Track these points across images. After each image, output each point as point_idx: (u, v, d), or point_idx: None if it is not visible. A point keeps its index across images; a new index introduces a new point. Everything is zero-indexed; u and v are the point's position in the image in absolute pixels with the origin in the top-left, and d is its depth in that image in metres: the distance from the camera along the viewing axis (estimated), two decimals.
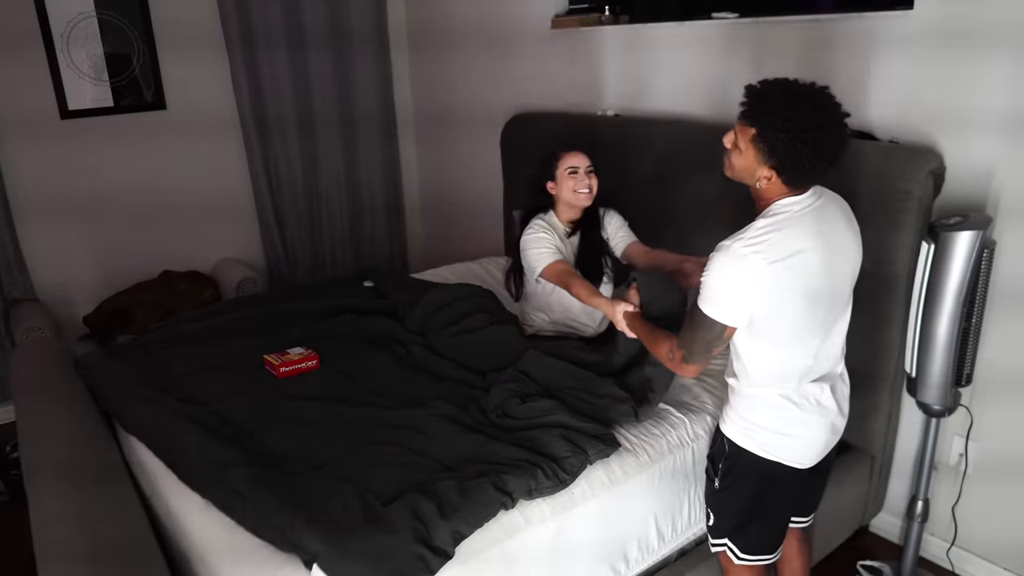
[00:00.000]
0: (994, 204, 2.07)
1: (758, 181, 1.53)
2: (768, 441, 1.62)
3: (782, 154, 1.47)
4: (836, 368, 1.68)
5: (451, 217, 4.32)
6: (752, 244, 1.48)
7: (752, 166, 1.53)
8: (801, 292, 1.50)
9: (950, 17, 2.05)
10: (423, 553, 1.51)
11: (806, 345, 1.57)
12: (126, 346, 2.61)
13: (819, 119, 1.45)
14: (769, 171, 1.51)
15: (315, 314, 2.72)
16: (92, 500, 1.67)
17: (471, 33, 3.71)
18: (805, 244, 1.49)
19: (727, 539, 1.74)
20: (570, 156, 2.36)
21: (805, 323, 1.55)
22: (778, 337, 1.55)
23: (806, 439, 1.64)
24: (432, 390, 2.17)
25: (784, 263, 1.47)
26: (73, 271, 3.52)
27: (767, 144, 1.48)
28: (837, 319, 1.62)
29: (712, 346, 1.57)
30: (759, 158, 1.51)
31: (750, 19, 2.54)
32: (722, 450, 1.70)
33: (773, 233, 1.49)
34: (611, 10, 3.06)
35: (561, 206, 2.41)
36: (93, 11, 3.34)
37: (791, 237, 1.49)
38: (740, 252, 1.48)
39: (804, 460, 1.65)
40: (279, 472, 1.78)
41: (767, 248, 1.47)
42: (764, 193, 1.55)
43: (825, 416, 1.64)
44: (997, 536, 2.27)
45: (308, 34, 3.83)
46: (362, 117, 4.11)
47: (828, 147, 1.47)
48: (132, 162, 3.56)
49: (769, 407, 1.61)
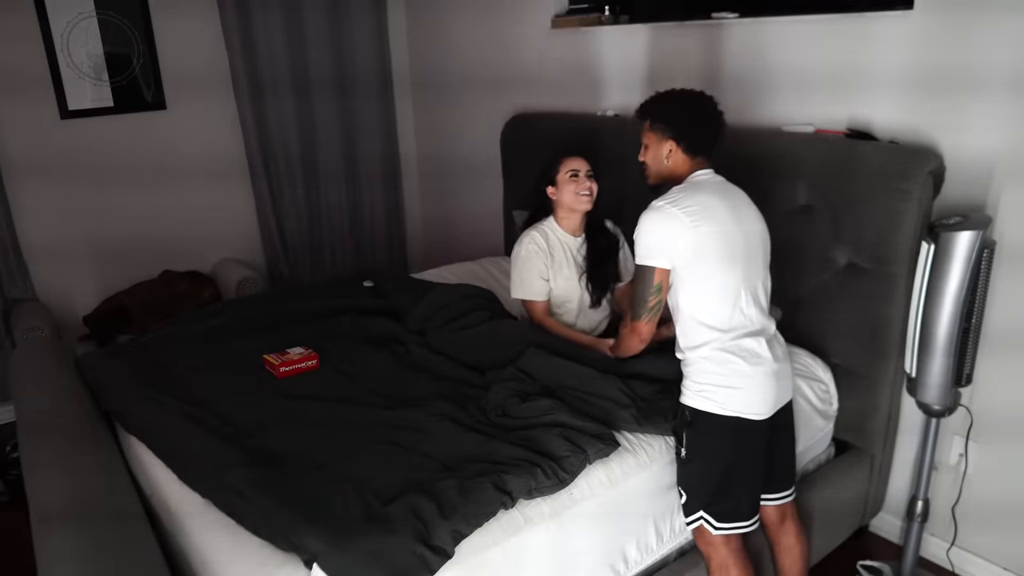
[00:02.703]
0: (994, 204, 2.07)
1: (666, 158, 1.87)
2: (721, 397, 1.76)
3: (672, 121, 1.85)
4: (769, 327, 1.83)
5: (451, 217, 4.32)
6: (668, 200, 1.79)
7: (657, 151, 1.88)
8: (716, 236, 1.75)
9: (950, 17, 2.05)
10: (423, 553, 1.51)
11: (730, 291, 1.76)
12: (126, 346, 2.61)
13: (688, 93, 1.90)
14: (669, 143, 1.85)
15: (315, 314, 2.72)
16: (92, 500, 1.67)
17: (471, 33, 3.71)
18: (713, 200, 1.78)
19: (701, 511, 1.81)
20: (571, 160, 2.39)
21: (726, 266, 1.76)
22: (705, 279, 1.76)
23: (754, 389, 1.77)
24: (432, 389, 2.17)
25: (696, 211, 1.75)
26: (73, 271, 3.53)
27: (660, 122, 1.87)
28: (755, 272, 1.82)
29: (648, 294, 1.81)
30: (658, 138, 1.87)
31: (750, 19, 2.54)
32: (684, 420, 1.82)
33: (685, 192, 1.80)
34: (611, 10, 3.06)
35: (562, 211, 2.43)
36: (93, 11, 3.34)
37: (700, 195, 1.79)
38: (657, 206, 1.79)
39: (760, 410, 1.77)
40: (279, 472, 1.78)
41: (680, 201, 1.77)
42: (675, 169, 1.87)
43: (765, 365, 1.77)
44: (997, 536, 2.27)
45: (308, 33, 3.83)
46: (363, 119, 4.12)
47: (703, 111, 1.86)
48: (132, 162, 3.56)
49: (714, 363, 1.76)
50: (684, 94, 1.92)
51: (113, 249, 3.59)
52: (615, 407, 1.96)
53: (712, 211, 1.77)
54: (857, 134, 2.26)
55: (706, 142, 1.87)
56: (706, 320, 1.77)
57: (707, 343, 1.77)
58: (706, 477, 1.81)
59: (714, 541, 1.82)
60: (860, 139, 2.23)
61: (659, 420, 1.94)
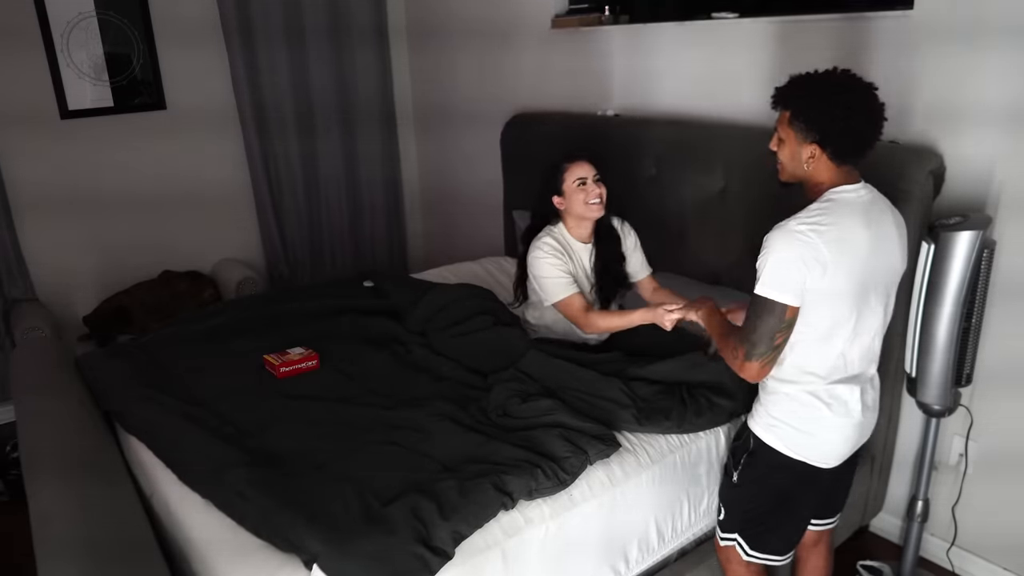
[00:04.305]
0: (994, 204, 2.07)
1: (805, 163, 1.54)
2: (793, 439, 1.62)
3: (819, 121, 1.49)
4: (868, 370, 1.66)
5: (451, 217, 4.32)
6: (807, 222, 1.49)
7: (796, 150, 1.55)
8: (847, 274, 1.50)
9: (950, 17, 2.05)
10: (423, 553, 1.51)
11: (839, 339, 1.56)
12: (126, 346, 2.61)
13: (843, 82, 1.51)
14: (812, 146, 1.52)
15: (315, 314, 2.72)
16: (92, 500, 1.67)
17: (471, 33, 3.71)
18: (856, 231, 1.50)
19: (737, 534, 1.75)
20: (576, 167, 2.26)
21: (844, 312, 1.54)
22: (816, 325, 1.54)
23: (831, 441, 1.63)
24: (432, 390, 2.17)
25: (836, 244, 1.47)
26: (73, 271, 3.53)
27: (803, 118, 1.51)
28: (873, 315, 1.60)
29: (775, 332, 1.51)
30: (799, 138, 1.54)
31: (750, 19, 2.54)
32: (746, 445, 1.70)
33: (827, 215, 1.50)
34: (611, 10, 3.06)
35: (571, 219, 2.32)
36: (93, 11, 3.34)
37: (843, 220, 1.50)
38: (795, 229, 1.48)
39: (828, 460, 1.65)
40: (279, 472, 1.78)
41: (821, 227, 1.48)
42: (814, 176, 1.56)
43: (851, 417, 1.63)
44: (997, 536, 2.27)
45: (308, 33, 3.83)
46: (362, 116, 4.12)
47: (860, 109, 1.49)
48: (132, 162, 3.56)
49: (797, 404, 1.61)
50: (838, 83, 1.52)
51: (113, 249, 3.59)
52: (616, 407, 1.96)
53: (853, 245, 1.50)
54: None
55: (859, 148, 1.53)
56: (802, 363, 1.59)
57: (794, 382, 1.61)
58: (752, 507, 1.73)
59: (739, 565, 1.78)
60: None
61: (660, 420, 1.94)
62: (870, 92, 1.51)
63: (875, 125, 1.51)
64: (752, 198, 2.35)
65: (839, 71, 1.54)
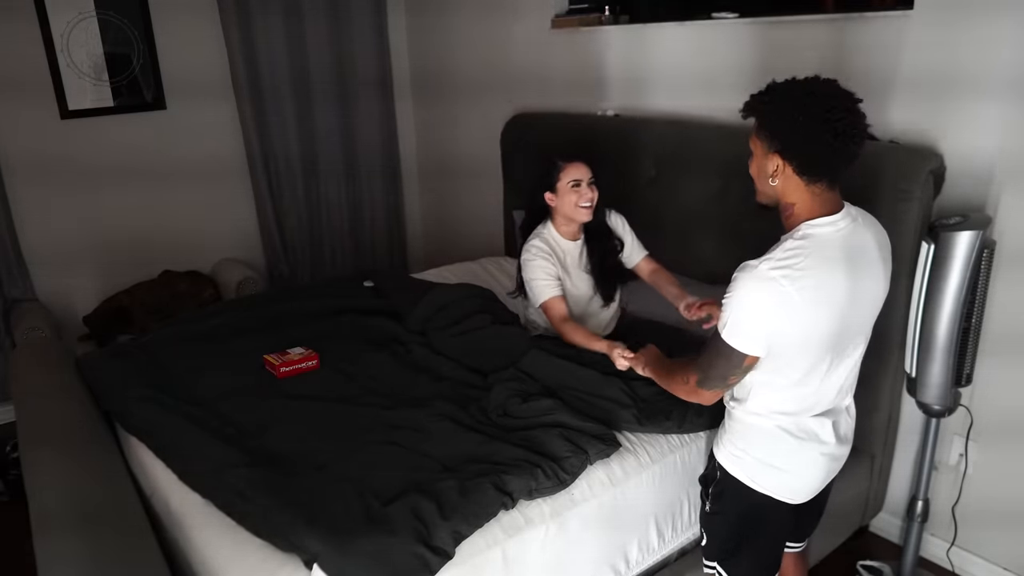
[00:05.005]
0: (994, 204, 2.07)
1: (771, 177, 1.39)
2: (759, 473, 1.53)
3: (780, 128, 1.34)
4: (842, 402, 1.57)
5: (451, 217, 4.32)
6: (779, 267, 1.34)
7: (762, 163, 1.41)
8: (823, 325, 1.38)
9: (950, 17, 2.05)
10: (423, 553, 1.51)
11: (814, 381, 1.47)
12: (126, 346, 2.61)
13: (815, 89, 1.34)
14: (775, 158, 1.37)
15: (315, 314, 2.72)
16: (92, 500, 1.67)
17: (471, 32, 3.71)
18: (835, 276, 1.36)
19: (716, 563, 1.69)
20: (572, 168, 2.28)
21: (817, 359, 1.43)
22: (789, 372, 1.44)
23: (800, 476, 1.55)
24: (432, 390, 2.17)
25: (812, 293, 1.34)
26: (73, 271, 3.52)
27: (767, 124, 1.37)
28: (850, 356, 1.51)
29: (729, 376, 1.46)
30: (764, 147, 1.39)
31: (750, 19, 2.54)
32: (713, 474, 1.63)
33: (802, 258, 1.34)
34: (611, 10, 3.06)
35: (560, 218, 2.36)
36: (93, 11, 3.34)
37: (820, 264, 1.35)
38: (767, 275, 1.34)
39: (795, 496, 1.56)
40: (279, 472, 1.78)
41: (795, 273, 1.33)
42: (784, 196, 1.41)
43: (824, 448, 1.53)
44: (997, 536, 2.27)
45: (308, 33, 3.83)
46: (363, 118, 4.12)
47: (829, 118, 1.30)
48: (132, 162, 3.56)
49: (764, 436, 1.51)
50: (808, 89, 1.34)
51: (113, 249, 3.58)
52: (616, 407, 1.96)
53: (831, 294, 1.36)
54: None
55: (829, 163, 1.35)
56: (772, 403, 1.49)
57: (764, 416, 1.51)
58: (726, 537, 1.65)
59: None
60: None
61: (660, 420, 1.94)
62: (846, 102, 1.33)
63: (848, 138, 1.31)
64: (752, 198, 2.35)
65: (820, 78, 1.37)
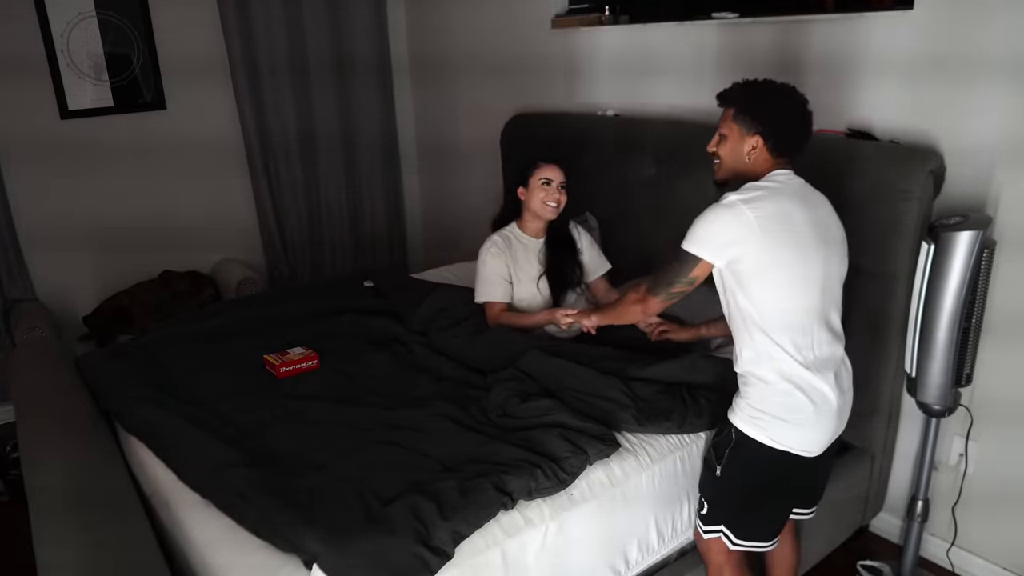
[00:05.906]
0: (994, 204, 2.07)
1: (747, 154, 1.68)
2: (776, 430, 1.66)
3: (765, 115, 1.66)
4: (837, 352, 1.71)
5: (451, 217, 4.32)
6: (739, 197, 1.60)
7: (737, 145, 1.69)
8: (792, 242, 1.60)
9: (950, 17, 2.05)
10: (423, 553, 1.51)
11: (802, 316, 1.63)
12: (126, 346, 2.61)
13: (781, 87, 1.71)
14: (755, 138, 1.67)
15: (315, 314, 2.72)
16: (92, 500, 1.67)
17: (471, 33, 3.71)
18: (794, 209, 1.61)
19: (723, 525, 1.77)
20: (546, 168, 2.45)
21: (801, 273, 1.62)
22: (777, 283, 1.61)
23: (813, 428, 1.67)
24: (433, 390, 2.17)
25: (771, 219, 1.58)
26: (73, 271, 3.53)
27: (749, 114, 1.67)
28: (832, 302, 1.69)
29: (675, 280, 1.69)
30: (742, 131, 1.68)
31: (750, 19, 2.54)
32: (728, 439, 1.72)
33: (763, 192, 1.62)
34: (611, 10, 3.06)
35: (528, 214, 2.50)
36: (93, 11, 3.34)
37: (780, 200, 1.61)
38: (728, 202, 1.61)
39: (811, 448, 1.69)
40: (279, 472, 1.78)
41: (756, 202, 1.59)
42: (753, 168, 1.68)
43: (831, 404, 1.67)
44: (997, 536, 2.27)
45: (309, 36, 3.83)
46: (362, 117, 4.12)
47: (797, 109, 1.68)
48: (132, 162, 3.56)
49: (777, 394, 1.65)
50: (780, 86, 1.71)
51: (113, 249, 3.58)
52: (616, 408, 1.96)
53: (791, 222, 1.60)
54: (857, 134, 2.26)
55: (796, 143, 1.70)
56: (773, 317, 1.62)
57: (772, 362, 1.64)
58: (737, 498, 1.75)
59: (722, 551, 1.79)
60: (860, 139, 2.23)
61: (660, 420, 1.94)
62: (804, 98, 1.70)
63: (808, 126, 1.70)
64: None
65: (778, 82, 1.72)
